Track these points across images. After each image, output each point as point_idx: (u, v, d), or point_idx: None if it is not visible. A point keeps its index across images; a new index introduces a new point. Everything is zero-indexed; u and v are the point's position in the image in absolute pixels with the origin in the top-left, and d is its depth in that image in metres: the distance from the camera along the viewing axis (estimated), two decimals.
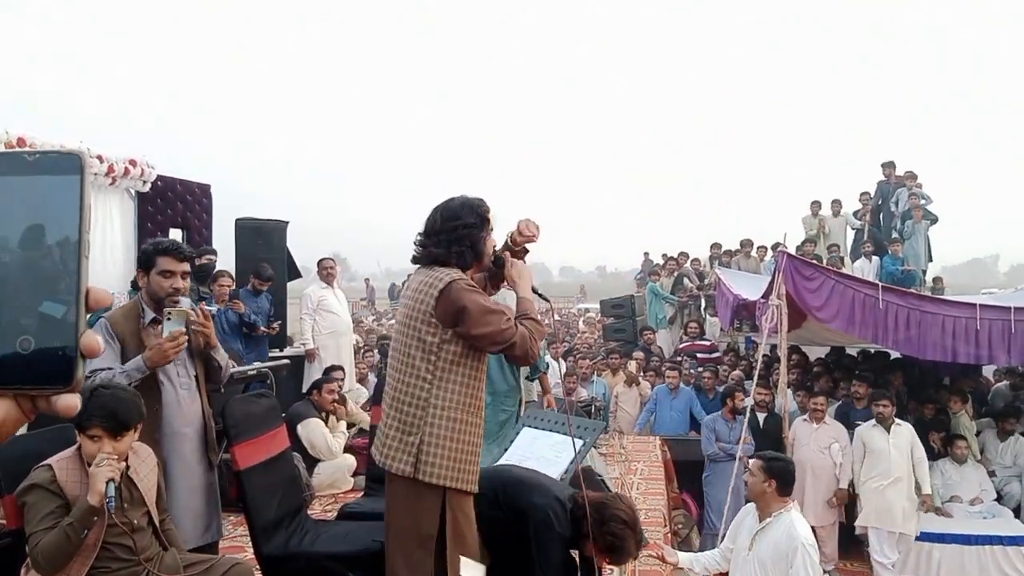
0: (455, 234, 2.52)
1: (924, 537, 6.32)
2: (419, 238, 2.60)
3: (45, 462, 2.47)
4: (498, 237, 2.69)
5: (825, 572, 6.85)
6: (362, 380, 8.13)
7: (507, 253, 2.66)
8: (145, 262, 2.99)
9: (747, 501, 3.94)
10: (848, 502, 6.77)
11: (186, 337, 2.90)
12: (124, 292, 6.52)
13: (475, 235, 2.53)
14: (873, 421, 6.36)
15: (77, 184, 0.57)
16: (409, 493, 2.47)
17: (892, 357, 8.46)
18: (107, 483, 2.32)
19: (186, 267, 3.02)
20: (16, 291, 0.55)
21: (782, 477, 3.58)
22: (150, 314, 2.98)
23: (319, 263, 7.69)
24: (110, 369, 2.80)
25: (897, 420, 6.29)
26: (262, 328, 6.72)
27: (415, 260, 2.61)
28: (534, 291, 2.74)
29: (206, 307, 3.16)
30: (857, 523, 6.50)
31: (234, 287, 6.71)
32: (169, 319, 2.82)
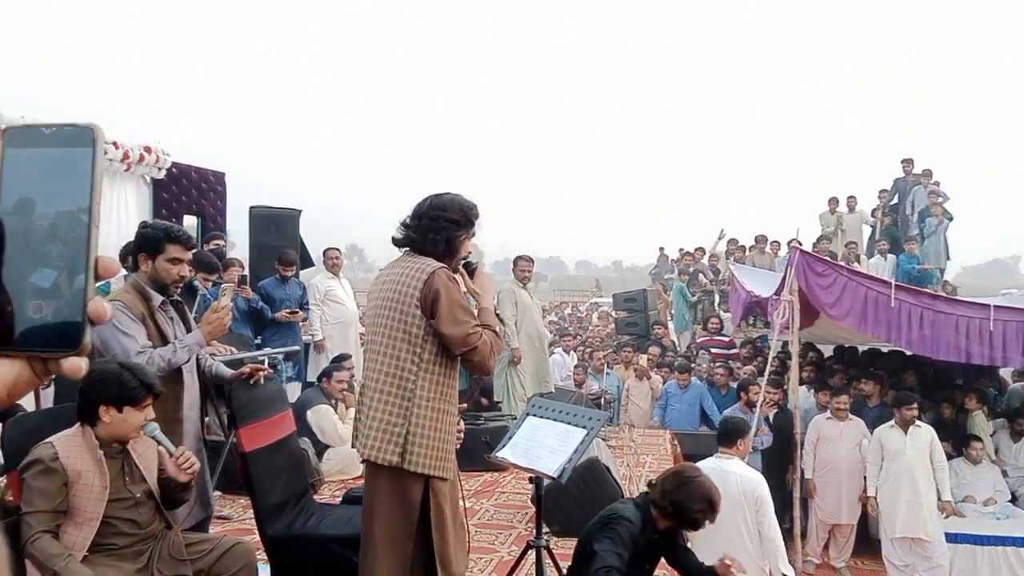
0: (436, 224, 2.55)
1: None
2: (404, 220, 2.62)
3: (48, 439, 2.50)
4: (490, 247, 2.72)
5: (837, 569, 6.85)
6: None
7: (480, 263, 2.69)
8: (152, 247, 2.95)
9: None
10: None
11: (230, 309, 3.07)
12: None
13: (453, 232, 2.56)
14: (892, 422, 6.31)
15: (90, 156, 0.59)
16: (394, 482, 2.52)
17: (903, 356, 8.39)
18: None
19: (190, 256, 3.06)
20: (30, 259, 0.58)
21: (723, 434, 4.58)
22: (158, 297, 2.95)
23: (325, 253, 7.68)
24: (166, 348, 2.85)
25: (917, 422, 6.23)
26: (284, 312, 6.75)
27: (395, 241, 2.64)
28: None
29: (225, 301, 3.15)
30: (880, 529, 6.44)
31: (244, 273, 6.74)
32: (224, 294, 3.11)
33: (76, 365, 0.58)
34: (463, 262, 2.63)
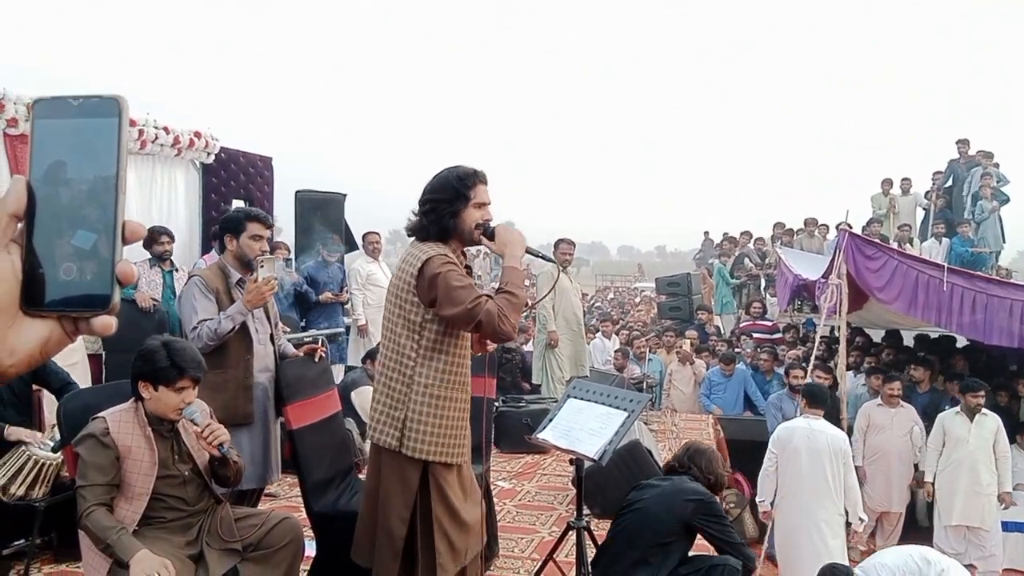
0: (426, 206, 2.55)
1: None
2: (413, 208, 2.62)
3: (100, 414, 2.58)
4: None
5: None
6: None
7: (500, 226, 2.59)
8: (235, 227, 3.36)
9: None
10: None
11: (277, 281, 3.31)
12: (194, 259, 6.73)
13: (442, 209, 2.52)
14: (958, 408, 6.18)
15: (115, 126, 0.62)
16: (393, 465, 2.56)
17: (952, 341, 8.19)
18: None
19: (270, 233, 3.46)
20: (60, 223, 0.60)
21: (810, 396, 5.26)
22: (235, 275, 3.36)
23: (364, 237, 7.69)
24: (212, 319, 3.18)
25: (984, 410, 6.08)
26: (328, 294, 6.87)
27: (406, 230, 2.64)
28: (536, 254, 2.73)
29: (264, 273, 3.29)
30: (934, 516, 6.33)
31: (290, 257, 6.85)
32: (262, 266, 3.23)
33: (106, 323, 0.61)
34: (481, 228, 2.56)
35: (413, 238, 2.62)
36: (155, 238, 5.74)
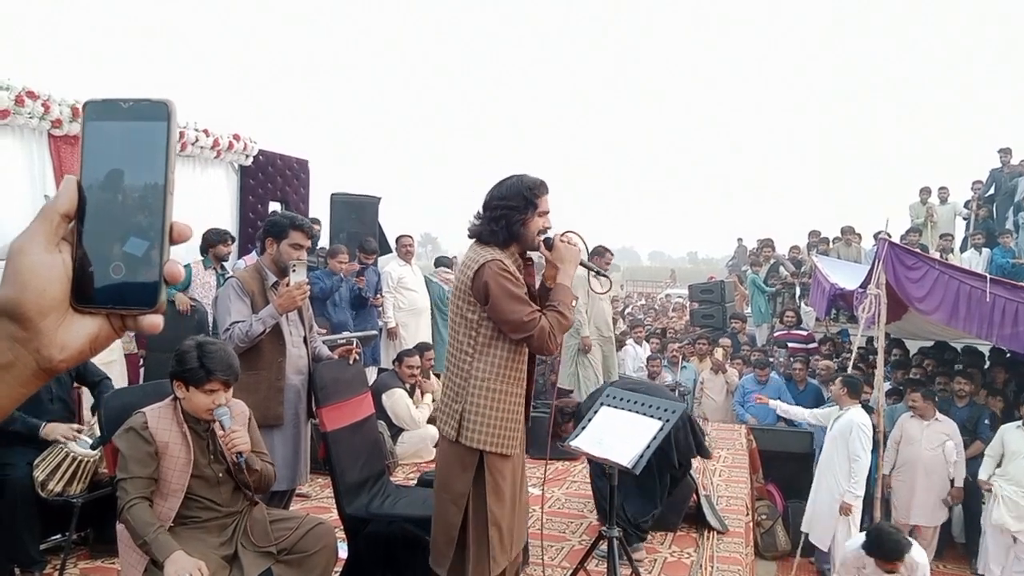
0: (495, 212, 2.64)
1: None
2: (476, 211, 2.73)
3: (141, 409, 2.63)
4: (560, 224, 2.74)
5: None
6: None
7: (559, 238, 2.71)
8: (279, 232, 3.38)
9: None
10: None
11: (309, 286, 3.33)
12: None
13: (512, 216, 2.62)
14: (1020, 422, 6.09)
15: (165, 129, 0.63)
16: (452, 454, 2.70)
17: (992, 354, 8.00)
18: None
19: (309, 244, 3.46)
20: (110, 223, 0.62)
21: (851, 386, 5.78)
22: (272, 278, 3.38)
23: (397, 240, 7.68)
24: (244, 321, 3.21)
25: None
26: (372, 299, 6.96)
27: (468, 232, 2.75)
28: (590, 268, 2.90)
29: (296, 278, 3.32)
30: (983, 519, 6.23)
31: (348, 261, 6.91)
32: (294, 271, 3.24)
33: (154, 322, 0.63)
34: (543, 238, 2.68)
35: (474, 241, 2.73)
36: (223, 240, 5.91)
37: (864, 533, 4.51)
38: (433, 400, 6.33)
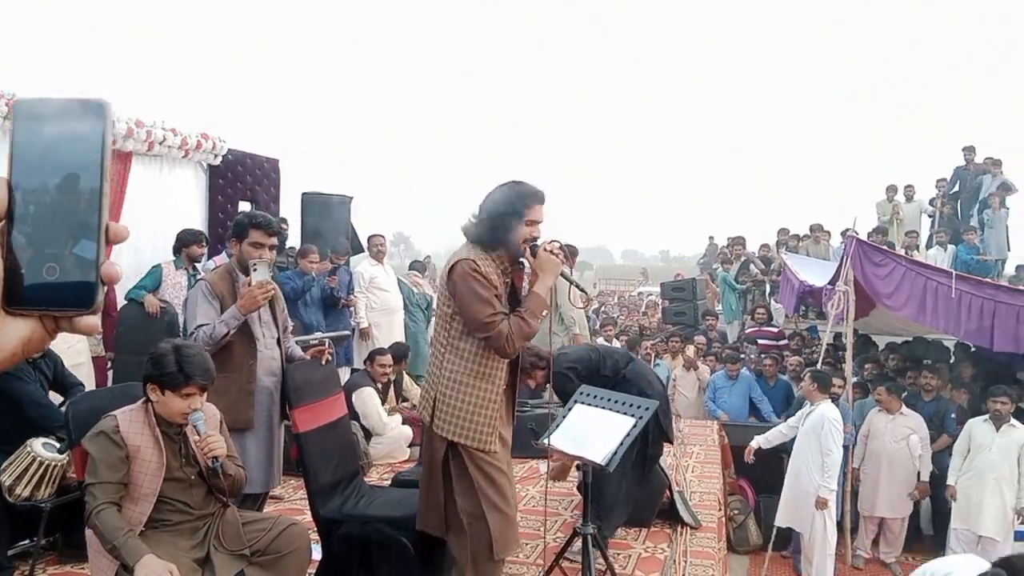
0: (484, 215, 2.74)
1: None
2: (473, 212, 2.82)
3: (111, 413, 2.59)
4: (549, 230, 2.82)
5: (887, 564, 6.72)
6: None
7: (543, 248, 2.75)
8: (239, 232, 3.34)
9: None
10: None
11: (272, 286, 3.27)
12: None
13: (499, 222, 2.70)
14: (987, 416, 6.11)
15: (100, 129, 0.62)
16: (429, 438, 2.84)
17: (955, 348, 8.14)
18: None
19: (274, 241, 3.38)
20: (44, 224, 0.60)
21: (820, 381, 5.83)
22: (242, 278, 3.32)
23: (369, 239, 7.65)
24: (209, 324, 3.17)
25: (1014, 421, 6.00)
26: (344, 299, 6.92)
27: (462, 231, 2.84)
28: (571, 281, 2.97)
29: (258, 277, 3.29)
30: (952, 518, 6.28)
31: (319, 261, 6.87)
32: (255, 270, 3.18)
33: (90, 323, 0.63)
34: (528, 244, 2.74)
35: (466, 239, 2.81)
36: (197, 241, 5.83)
37: (1000, 567, 3.79)
38: (405, 400, 6.31)
